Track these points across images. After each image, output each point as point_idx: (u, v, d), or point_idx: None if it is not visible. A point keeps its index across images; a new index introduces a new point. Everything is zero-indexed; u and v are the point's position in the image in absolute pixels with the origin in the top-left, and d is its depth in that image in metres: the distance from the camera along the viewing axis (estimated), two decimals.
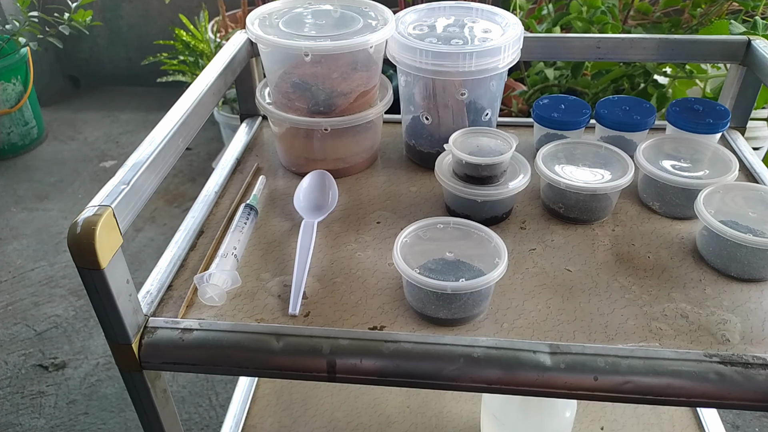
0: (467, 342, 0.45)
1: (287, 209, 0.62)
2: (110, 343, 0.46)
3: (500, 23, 0.65)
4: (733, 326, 0.48)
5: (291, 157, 0.69)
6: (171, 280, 0.54)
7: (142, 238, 1.61)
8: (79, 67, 2.39)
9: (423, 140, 0.68)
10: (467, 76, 0.61)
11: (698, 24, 1.09)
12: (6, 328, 1.35)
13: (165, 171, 0.51)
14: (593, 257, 0.55)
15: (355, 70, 0.64)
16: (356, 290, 0.52)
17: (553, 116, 0.67)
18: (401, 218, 0.61)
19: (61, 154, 1.99)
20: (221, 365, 0.47)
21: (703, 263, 0.55)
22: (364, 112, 0.64)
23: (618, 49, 0.73)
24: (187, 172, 1.87)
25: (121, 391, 1.20)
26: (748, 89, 0.72)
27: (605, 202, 0.59)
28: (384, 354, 0.45)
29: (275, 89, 0.66)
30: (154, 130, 0.52)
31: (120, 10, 2.23)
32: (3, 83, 1.88)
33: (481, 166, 0.57)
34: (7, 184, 1.85)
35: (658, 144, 0.63)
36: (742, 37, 0.70)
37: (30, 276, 1.49)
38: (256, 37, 0.61)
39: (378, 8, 0.67)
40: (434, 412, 0.86)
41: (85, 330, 1.34)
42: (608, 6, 1.08)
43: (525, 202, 0.63)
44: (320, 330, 0.47)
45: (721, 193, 0.55)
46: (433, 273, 0.48)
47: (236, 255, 0.54)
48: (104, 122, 2.17)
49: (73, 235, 0.40)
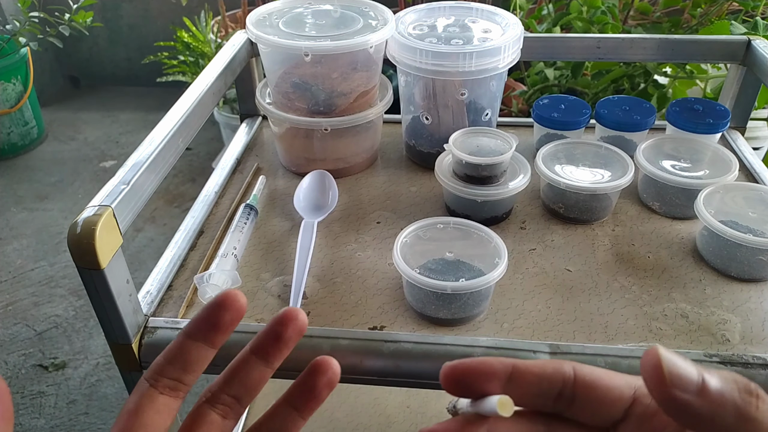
0: (467, 342, 0.45)
1: (287, 209, 0.62)
2: (110, 343, 0.46)
3: (500, 23, 0.65)
4: (733, 326, 0.48)
5: (291, 157, 0.69)
6: (171, 280, 0.54)
7: (142, 238, 1.61)
8: (79, 67, 2.39)
9: (423, 140, 0.68)
10: (467, 76, 0.61)
11: (698, 24, 1.08)
12: (6, 328, 1.35)
13: (165, 171, 0.51)
14: (593, 257, 0.55)
15: (355, 70, 0.64)
16: (356, 290, 0.52)
17: (553, 116, 0.67)
18: (401, 218, 0.61)
19: (61, 154, 1.99)
20: (221, 365, 0.47)
21: (703, 263, 0.55)
22: (364, 112, 0.64)
23: (618, 49, 0.73)
24: (187, 172, 1.87)
25: (121, 391, 1.20)
26: (748, 89, 0.72)
27: (605, 202, 0.59)
28: (384, 354, 0.45)
29: (275, 89, 0.66)
30: (154, 130, 0.52)
31: (120, 10, 2.23)
32: (3, 83, 1.88)
33: (481, 166, 0.57)
34: (7, 184, 1.85)
35: (658, 144, 0.63)
36: (742, 37, 0.70)
37: (30, 276, 1.49)
38: (256, 37, 0.61)
39: (378, 8, 0.67)
40: (434, 412, 0.86)
41: (85, 330, 1.34)
42: (608, 6, 1.08)
43: (525, 202, 0.63)
44: (320, 330, 0.47)
45: (721, 193, 0.55)
46: (433, 273, 0.48)
47: (236, 255, 0.54)
48: (104, 122, 2.17)
49: (73, 235, 0.40)
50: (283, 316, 0.29)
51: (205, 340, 0.28)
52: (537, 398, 0.25)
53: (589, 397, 0.24)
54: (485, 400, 0.24)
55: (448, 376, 0.25)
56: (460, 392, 0.25)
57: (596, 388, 0.24)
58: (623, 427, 0.25)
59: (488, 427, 0.25)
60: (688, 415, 0.21)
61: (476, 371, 0.25)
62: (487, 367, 0.25)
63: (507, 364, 0.25)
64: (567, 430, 0.26)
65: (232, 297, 0.27)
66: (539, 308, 0.50)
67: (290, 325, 0.29)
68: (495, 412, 0.24)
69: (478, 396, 0.25)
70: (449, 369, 0.25)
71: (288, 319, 0.29)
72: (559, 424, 0.26)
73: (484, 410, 0.24)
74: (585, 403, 0.24)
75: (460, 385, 0.25)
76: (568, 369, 0.25)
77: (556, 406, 0.25)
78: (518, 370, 0.25)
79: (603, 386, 0.24)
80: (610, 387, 0.24)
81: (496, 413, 0.23)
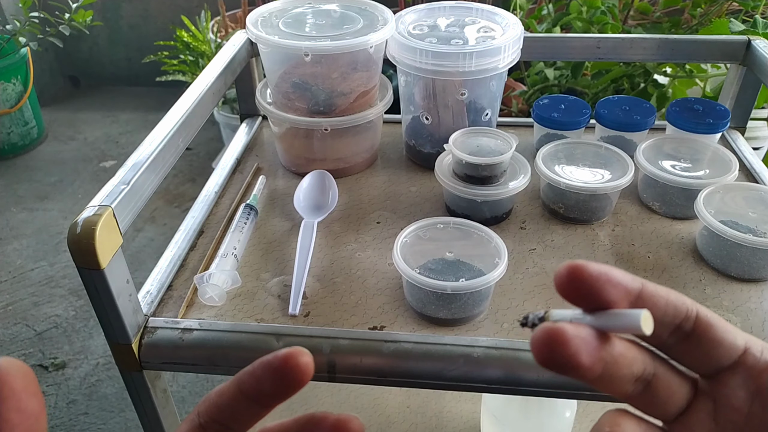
0: (467, 342, 0.45)
1: (287, 209, 0.62)
2: (110, 343, 0.46)
3: (500, 23, 0.65)
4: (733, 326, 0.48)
5: (291, 157, 0.69)
6: (171, 280, 0.54)
7: (142, 238, 1.61)
8: (79, 67, 2.39)
9: (423, 140, 0.68)
10: (467, 76, 0.61)
11: (698, 24, 1.08)
12: (6, 328, 1.35)
13: (165, 171, 0.51)
14: (593, 257, 0.55)
15: (355, 70, 0.64)
16: (356, 290, 0.52)
17: (553, 116, 0.67)
18: (401, 218, 0.61)
19: (61, 154, 1.99)
20: (221, 365, 0.47)
21: (703, 263, 0.55)
22: (364, 112, 0.64)
23: (618, 49, 0.73)
24: (187, 172, 1.87)
25: (121, 391, 1.20)
26: (748, 89, 0.72)
27: (605, 202, 0.59)
28: (384, 354, 0.45)
29: (275, 89, 0.66)
30: (154, 130, 0.52)
31: (120, 10, 2.23)
32: (3, 83, 1.88)
33: (481, 166, 0.57)
34: (7, 184, 1.85)
35: (658, 144, 0.63)
36: (742, 36, 0.70)
37: (30, 276, 1.49)
38: (256, 37, 0.61)
39: (378, 8, 0.67)
40: (434, 412, 0.86)
41: (85, 330, 1.34)
42: (608, 6, 1.08)
43: (525, 202, 0.63)
44: (320, 330, 0.47)
45: (721, 193, 0.55)
46: (433, 273, 0.48)
47: (236, 255, 0.54)
48: (104, 122, 2.17)
49: (73, 235, 0.40)
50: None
51: (260, 403, 0.24)
52: (657, 326, 0.23)
53: (706, 336, 0.23)
54: (619, 313, 0.22)
55: (573, 276, 0.22)
56: (579, 298, 0.22)
57: (714, 329, 0.23)
58: (726, 378, 0.24)
59: (608, 346, 0.22)
60: None
61: (608, 279, 0.22)
62: (620, 278, 0.22)
63: (637, 279, 0.23)
64: (669, 370, 0.24)
65: (302, 366, 0.22)
66: (539, 308, 0.50)
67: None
68: (637, 328, 0.21)
69: (596, 307, 0.22)
70: (574, 269, 0.22)
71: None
72: (661, 363, 0.24)
73: (616, 324, 0.22)
74: (700, 342, 0.23)
75: (583, 291, 0.22)
76: (690, 303, 0.23)
77: (670, 338, 0.24)
78: (648, 290, 0.23)
79: (720, 328, 0.23)
80: (726, 331, 0.24)
81: (639, 329, 0.21)
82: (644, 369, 0.23)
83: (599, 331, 0.22)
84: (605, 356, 0.22)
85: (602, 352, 0.21)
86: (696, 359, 0.24)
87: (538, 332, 0.21)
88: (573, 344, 0.21)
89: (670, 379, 0.24)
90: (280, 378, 0.22)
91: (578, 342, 0.21)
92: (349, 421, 0.23)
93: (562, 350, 0.21)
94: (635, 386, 0.24)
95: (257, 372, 0.22)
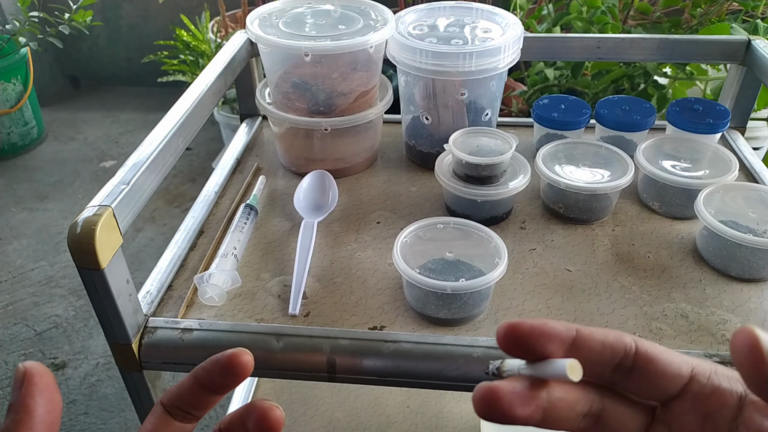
0: (467, 342, 0.45)
1: (287, 209, 0.62)
2: (110, 343, 0.46)
3: (500, 23, 0.65)
4: (733, 326, 0.48)
5: (291, 157, 0.69)
6: (171, 280, 0.54)
7: (142, 238, 1.61)
8: (79, 67, 2.39)
9: (423, 140, 0.68)
10: (467, 76, 0.61)
11: (698, 24, 1.08)
12: (6, 328, 1.35)
13: (165, 171, 0.51)
14: (593, 257, 0.55)
15: (355, 70, 0.64)
16: (356, 290, 0.52)
17: (553, 116, 0.67)
18: (401, 218, 0.61)
19: (61, 154, 1.99)
20: None
21: (703, 263, 0.55)
22: (364, 112, 0.64)
23: (618, 49, 0.73)
24: (187, 172, 1.87)
25: (121, 391, 1.20)
26: (748, 89, 0.72)
27: (605, 202, 0.59)
28: (384, 354, 0.45)
29: (275, 89, 0.66)
30: (154, 130, 0.52)
31: (120, 10, 2.23)
32: (3, 83, 1.88)
33: (481, 166, 0.57)
34: (7, 184, 1.85)
35: (658, 144, 0.63)
36: (742, 37, 0.70)
37: (30, 276, 1.49)
38: (256, 37, 0.61)
39: (378, 8, 0.67)
40: (434, 412, 0.86)
41: (85, 330, 1.34)
42: (608, 6, 1.08)
43: (525, 202, 0.63)
44: (320, 330, 0.47)
45: (721, 193, 0.55)
46: (433, 273, 0.48)
47: (236, 255, 0.54)
48: (104, 122, 2.17)
49: (73, 235, 0.40)
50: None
51: (213, 391, 0.28)
52: (596, 366, 0.24)
53: (648, 370, 0.24)
54: (550, 362, 0.24)
55: (509, 335, 0.24)
56: (518, 353, 0.24)
57: (656, 362, 0.24)
58: (676, 405, 0.24)
59: (548, 390, 0.24)
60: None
61: (540, 333, 0.24)
62: (552, 330, 0.24)
63: (570, 328, 0.24)
64: (619, 403, 0.25)
65: (243, 363, 0.26)
66: (539, 308, 0.50)
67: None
68: (564, 376, 0.22)
69: (535, 358, 0.24)
70: (510, 328, 0.24)
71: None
72: (610, 397, 0.25)
73: (547, 373, 0.23)
74: (643, 375, 0.24)
75: (520, 346, 0.24)
76: (629, 340, 0.24)
77: (613, 376, 0.25)
78: (582, 336, 0.24)
79: (663, 360, 0.24)
80: (669, 362, 0.24)
81: (565, 377, 0.22)
82: (591, 406, 0.25)
83: (540, 379, 0.24)
84: (541, 403, 0.24)
85: (538, 401, 0.23)
86: (643, 391, 0.25)
87: (477, 391, 0.23)
88: (506, 400, 0.23)
89: (622, 411, 0.26)
90: (227, 372, 0.26)
91: (511, 397, 0.23)
92: (270, 409, 0.27)
93: (497, 406, 0.23)
94: (585, 421, 0.25)
95: (209, 367, 0.27)
